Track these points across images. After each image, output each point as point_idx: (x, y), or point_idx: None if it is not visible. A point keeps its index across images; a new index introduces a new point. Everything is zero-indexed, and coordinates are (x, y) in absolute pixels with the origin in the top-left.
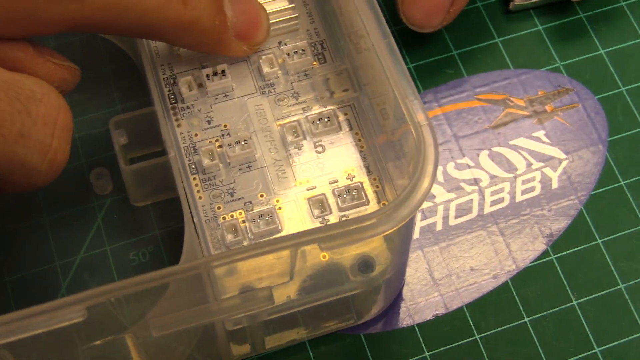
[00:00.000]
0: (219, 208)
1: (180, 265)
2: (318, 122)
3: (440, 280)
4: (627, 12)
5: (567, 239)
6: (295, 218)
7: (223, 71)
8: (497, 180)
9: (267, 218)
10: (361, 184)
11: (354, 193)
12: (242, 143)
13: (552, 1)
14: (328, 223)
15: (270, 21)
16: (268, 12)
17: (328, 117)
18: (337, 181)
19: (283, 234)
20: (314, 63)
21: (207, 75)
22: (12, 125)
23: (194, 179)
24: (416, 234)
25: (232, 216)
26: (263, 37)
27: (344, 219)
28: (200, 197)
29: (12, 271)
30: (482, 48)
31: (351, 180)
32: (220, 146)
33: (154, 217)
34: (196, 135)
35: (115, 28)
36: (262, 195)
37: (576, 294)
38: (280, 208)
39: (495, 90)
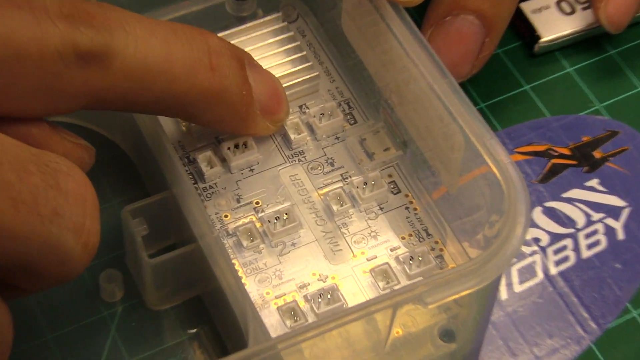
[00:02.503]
0: (267, 294)
1: (265, 343)
2: (364, 187)
3: (518, 351)
4: None
5: None
6: (359, 293)
7: (245, 143)
8: (557, 237)
9: (328, 296)
10: (426, 248)
11: (419, 258)
12: (284, 218)
13: (578, 40)
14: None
15: (287, 84)
16: (284, 73)
17: (374, 181)
18: (398, 247)
19: None
20: (344, 125)
21: (229, 148)
22: (46, 202)
23: (234, 264)
24: None
25: (285, 300)
26: (285, 111)
27: None
28: (244, 284)
29: None
30: (512, 97)
31: (414, 245)
32: (258, 224)
33: (178, 320)
34: (226, 216)
35: (139, 101)
36: (314, 274)
37: None
38: (339, 284)
39: (535, 141)
